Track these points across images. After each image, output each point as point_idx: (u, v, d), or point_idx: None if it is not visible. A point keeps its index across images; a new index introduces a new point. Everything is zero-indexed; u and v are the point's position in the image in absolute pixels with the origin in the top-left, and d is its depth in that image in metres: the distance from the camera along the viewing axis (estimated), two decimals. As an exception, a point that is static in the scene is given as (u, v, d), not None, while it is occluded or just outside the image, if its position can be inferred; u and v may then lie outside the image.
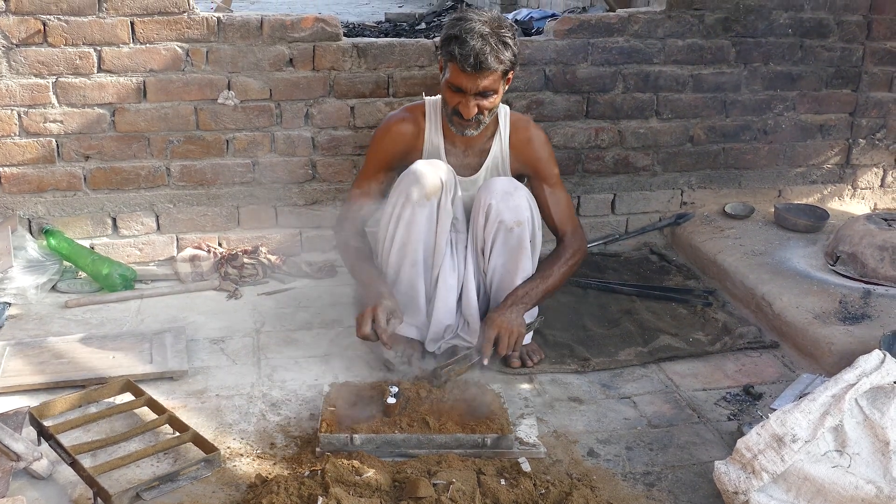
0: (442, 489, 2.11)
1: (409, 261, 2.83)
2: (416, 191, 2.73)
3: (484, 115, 2.75)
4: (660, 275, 3.76)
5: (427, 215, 2.77)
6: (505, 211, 2.77)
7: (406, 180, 2.77)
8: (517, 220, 2.78)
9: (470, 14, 2.70)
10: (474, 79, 2.65)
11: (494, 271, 2.88)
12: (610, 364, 2.97)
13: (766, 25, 3.97)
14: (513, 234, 2.80)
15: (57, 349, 2.91)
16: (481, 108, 2.71)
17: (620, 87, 3.91)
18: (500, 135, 2.93)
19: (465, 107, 2.70)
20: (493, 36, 2.62)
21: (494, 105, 2.75)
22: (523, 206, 2.80)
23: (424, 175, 2.74)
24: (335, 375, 2.86)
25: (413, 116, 2.93)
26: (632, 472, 2.38)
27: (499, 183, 2.83)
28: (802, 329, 3.06)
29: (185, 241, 3.72)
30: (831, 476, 2.05)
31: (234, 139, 3.63)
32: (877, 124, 4.30)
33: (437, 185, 2.74)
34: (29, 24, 3.31)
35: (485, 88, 2.67)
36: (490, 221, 2.80)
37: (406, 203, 2.76)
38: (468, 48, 2.60)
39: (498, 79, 2.69)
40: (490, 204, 2.78)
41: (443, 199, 2.76)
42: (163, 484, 2.21)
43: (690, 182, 4.17)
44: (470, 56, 2.60)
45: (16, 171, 3.48)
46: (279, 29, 3.51)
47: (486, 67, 2.62)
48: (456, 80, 2.68)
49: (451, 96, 2.73)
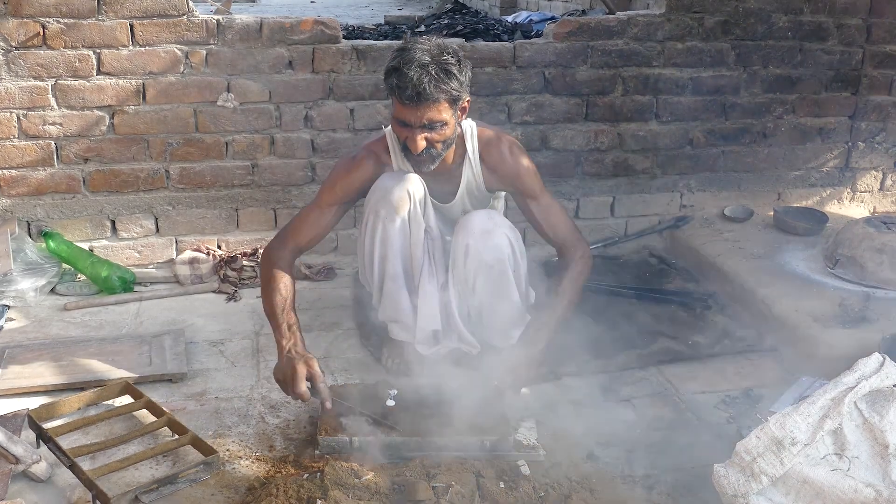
0: (441, 492, 2.11)
1: (390, 276, 2.83)
2: (384, 208, 2.72)
3: (436, 147, 2.61)
4: (659, 278, 3.75)
5: (399, 229, 2.75)
6: (484, 251, 2.74)
7: (374, 197, 2.75)
8: (497, 258, 2.75)
9: (412, 44, 2.57)
10: (415, 111, 2.51)
11: (481, 302, 2.86)
12: (609, 367, 2.97)
13: (765, 28, 3.98)
14: (494, 271, 2.77)
15: (56, 352, 2.91)
16: (431, 141, 2.57)
17: (620, 89, 3.92)
18: (470, 158, 2.81)
19: (413, 141, 2.56)
20: (433, 65, 2.48)
21: (446, 137, 2.60)
22: (503, 245, 2.76)
23: (390, 191, 2.71)
24: (334, 378, 2.86)
25: (375, 153, 2.82)
26: (631, 474, 2.38)
27: (476, 221, 2.76)
28: (802, 332, 3.06)
29: (184, 244, 3.72)
30: (830, 479, 2.04)
31: (234, 141, 3.63)
32: (876, 127, 4.30)
33: (404, 199, 2.71)
34: (28, 27, 3.31)
35: (430, 120, 2.53)
36: (470, 259, 2.77)
37: (377, 220, 2.74)
38: (406, 80, 2.46)
39: (444, 109, 2.54)
40: (468, 244, 2.75)
41: (412, 211, 2.73)
42: (162, 486, 2.20)
43: (690, 185, 4.17)
44: (407, 87, 2.46)
45: (15, 173, 3.48)
46: (278, 31, 3.52)
47: (425, 98, 2.48)
48: (399, 113, 2.56)
49: (400, 131, 2.61)
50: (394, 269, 2.82)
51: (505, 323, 2.89)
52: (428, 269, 2.84)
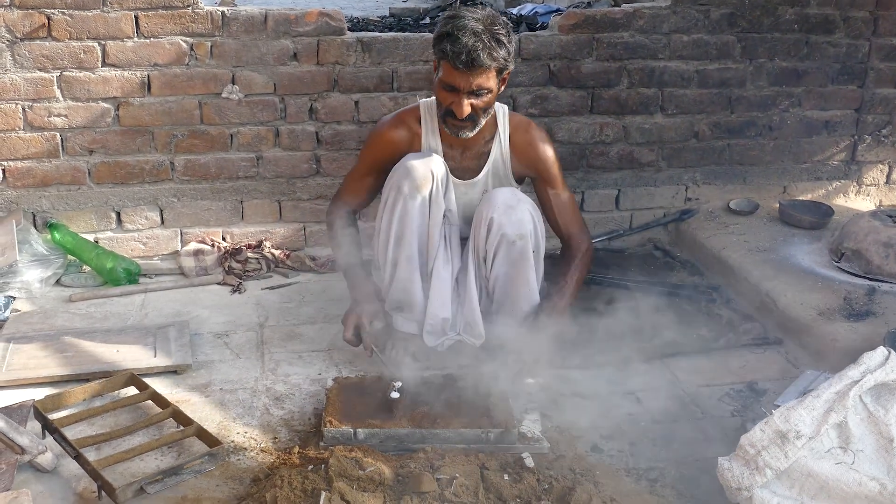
0: (445, 484, 2.11)
1: (405, 255, 2.82)
2: (407, 184, 2.73)
3: (479, 115, 2.70)
4: (664, 271, 3.75)
5: (419, 208, 2.76)
6: (507, 225, 2.75)
7: (397, 174, 2.77)
8: (520, 234, 2.76)
9: (463, 12, 2.66)
10: (467, 77, 2.61)
11: (497, 280, 2.87)
12: (614, 360, 2.97)
13: (771, 21, 3.96)
14: (515, 247, 2.78)
15: (61, 343, 2.92)
16: (475, 107, 2.67)
17: (625, 82, 3.91)
18: (500, 137, 2.90)
19: (459, 106, 2.65)
20: (486, 33, 2.58)
21: (489, 104, 2.70)
22: (526, 220, 2.77)
23: (415, 168, 2.74)
24: (339, 370, 2.86)
25: (406, 122, 2.90)
26: (635, 467, 2.38)
27: (501, 195, 2.80)
28: (807, 325, 3.06)
29: (189, 236, 3.72)
30: (835, 473, 2.04)
31: (239, 133, 3.63)
32: (882, 121, 4.29)
33: (427, 178, 2.74)
34: (33, 18, 3.31)
35: (478, 86, 2.63)
36: (492, 234, 2.78)
37: (398, 196, 2.75)
38: (460, 45, 2.56)
39: (492, 77, 2.64)
40: (492, 217, 2.77)
41: (434, 192, 2.76)
42: (167, 477, 2.21)
43: (695, 178, 4.16)
44: (462, 53, 2.56)
45: (20, 165, 3.49)
46: (283, 23, 3.51)
47: (478, 65, 2.57)
48: (449, 78, 2.64)
49: (445, 96, 2.68)
50: (409, 250, 2.81)
51: (518, 306, 2.88)
52: (444, 254, 2.86)
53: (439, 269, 2.85)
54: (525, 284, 2.85)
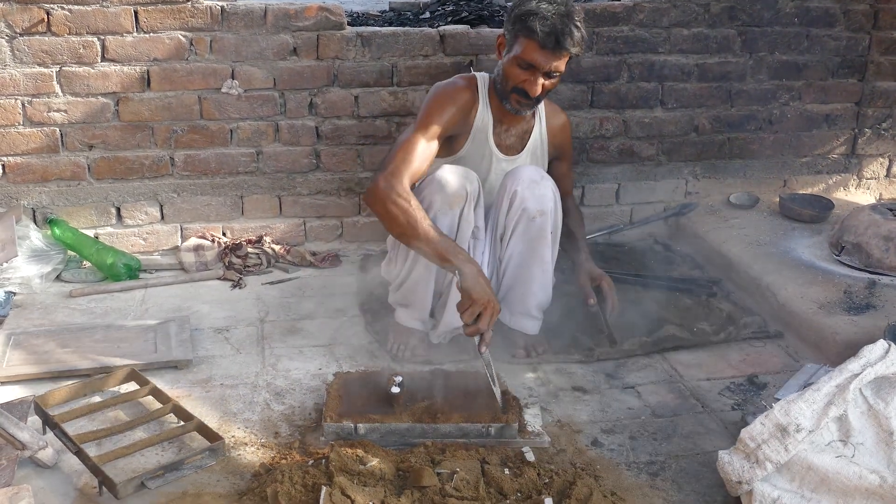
0: (446, 478, 2.12)
1: (423, 263, 2.74)
2: (440, 199, 2.67)
3: (544, 95, 2.77)
4: (664, 265, 3.75)
5: (448, 224, 2.69)
6: (530, 199, 2.75)
7: (430, 187, 2.69)
8: (540, 210, 2.75)
9: None
10: (549, 57, 2.65)
11: (511, 258, 2.85)
12: (614, 354, 2.97)
13: (771, 14, 3.95)
14: (534, 223, 2.77)
15: (61, 339, 2.92)
16: (544, 88, 2.73)
17: (625, 76, 3.90)
18: (540, 116, 2.99)
19: (533, 84, 2.70)
20: (570, 17, 2.63)
21: (554, 87, 2.78)
22: (548, 197, 2.77)
23: (449, 184, 2.67)
24: (339, 365, 2.86)
25: (471, 87, 2.89)
26: (636, 461, 2.38)
27: (526, 171, 2.82)
28: (807, 319, 3.06)
29: (189, 231, 3.72)
30: (835, 466, 2.05)
31: (238, 129, 3.62)
32: (883, 114, 4.28)
33: (461, 196, 2.68)
34: (33, 13, 3.31)
35: (555, 69, 2.68)
36: (514, 208, 2.77)
37: (428, 209, 2.64)
38: (549, 25, 2.60)
39: (566, 61, 2.71)
40: (515, 191, 2.76)
41: (465, 209, 2.71)
42: (168, 472, 2.21)
43: (695, 172, 4.16)
44: (552, 33, 2.60)
45: (20, 160, 3.48)
46: (283, 18, 3.50)
47: (563, 47, 2.63)
48: (530, 55, 2.66)
49: (518, 73, 2.71)
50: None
51: (529, 289, 2.86)
52: None
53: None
54: (540, 264, 2.84)
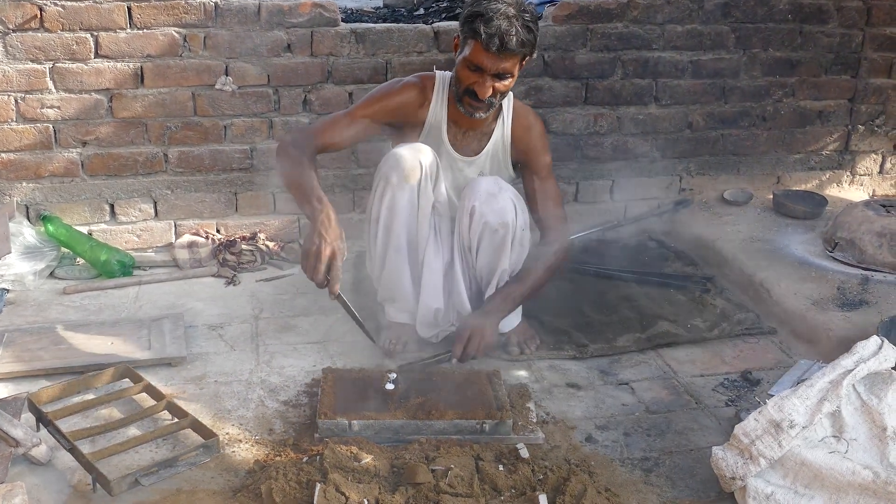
0: (440, 475, 2.12)
1: (394, 246, 2.81)
2: (395, 175, 2.72)
3: (496, 97, 2.73)
4: (658, 261, 3.75)
5: (408, 198, 2.75)
6: (489, 213, 2.76)
7: (386, 165, 2.76)
8: (501, 222, 2.76)
9: None
10: (495, 59, 2.63)
11: (483, 268, 2.88)
12: (608, 350, 2.98)
13: (765, 11, 3.96)
14: (497, 235, 2.78)
15: (55, 335, 2.91)
16: (495, 90, 2.70)
17: (619, 73, 3.90)
18: (504, 120, 2.93)
19: (482, 86, 2.68)
20: (517, 18, 2.61)
21: (507, 89, 2.74)
22: (507, 208, 2.77)
23: (403, 158, 2.72)
24: (333, 361, 2.86)
25: (424, 87, 2.88)
26: (630, 457, 2.39)
27: (483, 184, 2.81)
28: (800, 315, 3.07)
29: (183, 228, 3.71)
30: (828, 461, 2.05)
31: (232, 125, 3.61)
32: (876, 110, 4.29)
33: (415, 168, 2.72)
34: (25, 9, 3.29)
35: (503, 70, 2.66)
36: (475, 222, 2.79)
37: (387, 187, 2.74)
38: (493, 27, 2.58)
39: (516, 62, 2.68)
40: (474, 206, 2.77)
41: (423, 183, 2.74)
42: (161, 469, 2.21)
43: (689, 168, 4.16)
44: (495, 35, 2.58)
45: (13, 157, 3.47)
46: (277, 14, 3.50)
47: (508, 49, 2.60)
48: (476, 58, 2.65)
49: (468, 75, 2.70)
50: (398, 241, 2.80)
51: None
52: (434, 245, 2.85)
53: (430, 260, 2.85)
54: (498, 275, 2.87)
